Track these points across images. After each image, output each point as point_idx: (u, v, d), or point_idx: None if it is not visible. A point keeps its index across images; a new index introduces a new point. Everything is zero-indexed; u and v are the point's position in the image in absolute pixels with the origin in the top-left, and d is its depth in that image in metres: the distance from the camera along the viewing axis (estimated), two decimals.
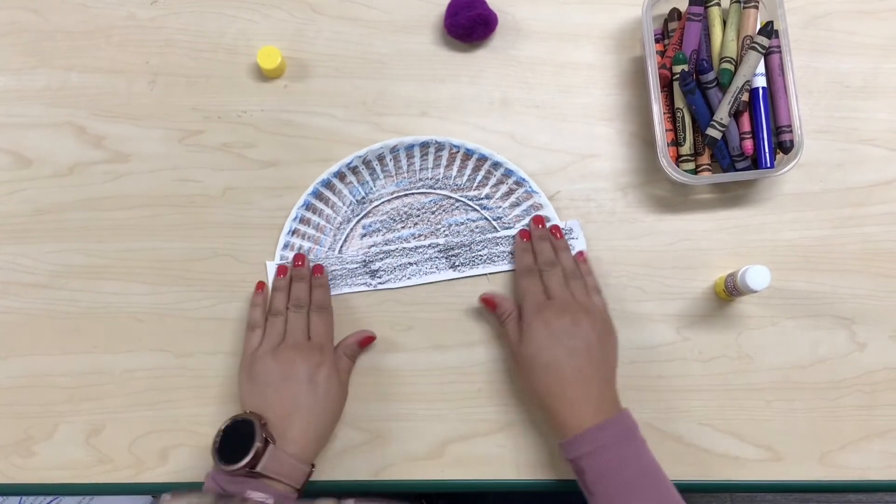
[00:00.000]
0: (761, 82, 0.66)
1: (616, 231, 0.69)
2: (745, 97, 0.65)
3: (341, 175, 0.70)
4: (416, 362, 0.68)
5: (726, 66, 0.65)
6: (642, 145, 0.70)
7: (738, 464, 0.66)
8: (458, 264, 0.69)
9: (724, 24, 0.67)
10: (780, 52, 0.66)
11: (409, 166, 0.70)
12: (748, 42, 0.65)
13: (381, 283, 0.69)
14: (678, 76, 0.65)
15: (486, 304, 0.67)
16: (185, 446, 0.67)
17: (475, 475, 0.66)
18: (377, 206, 0.70)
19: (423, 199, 0.70)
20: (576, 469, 0.59)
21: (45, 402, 0.68)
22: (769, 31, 0.65)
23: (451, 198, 0.70)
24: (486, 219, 0.69)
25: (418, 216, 0.70)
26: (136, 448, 0.68)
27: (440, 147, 0.70)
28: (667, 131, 0.67)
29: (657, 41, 0.69)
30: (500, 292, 0.68)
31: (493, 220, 0.69)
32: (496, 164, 0.69)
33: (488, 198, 0.70)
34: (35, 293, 0.70)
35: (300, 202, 0.70)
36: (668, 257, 0.69)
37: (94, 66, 0.73)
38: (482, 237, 0.69)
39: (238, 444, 0.58)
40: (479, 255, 0.69)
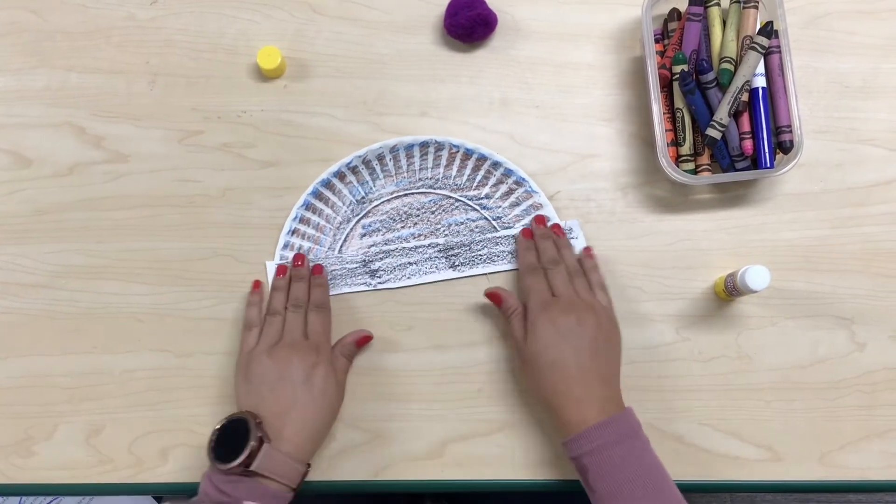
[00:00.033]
0: (761, 82, 0.66)
1: (616, 231, 0.69)
2: (745, 97, 0.65)
3: (341, 175, 0.70)
4: (415, 362, 0.68)
5: (726, 66, 0.65)
6: (642, 145, 0.70)
7: (738, 464, 0.66)
8: (457, 264, 0.69)
9: (724, 24, 0.67)
10: (780, 52, 0.66)
11: (408, 166, 0.70)
12: (748, 42, 0.65)
13: (380, 283, 0.69)
14: (678, 76, 0.65)
15: (492, 300, 0.66)
16: (184, 446, 0.67)
17: (475, 475, 0.66)
18: (377, 205, 0.70)
19: (422, 198, 0.70)
20: (578, 467, 0.59)
21: (45, 402, 0.68)
22: (769, 31, 0.65)
23: (450, 197, 0.70)
24: (485, 218, 0.69)
25: (418, 216, 0.70)
26: (136, 448, 0.68)
27: (440, 147, 0.70)
28: (666, 131, 0.67)
29: (657, 41, 0.69)
30: (505, 288, 0.68)
31: (493, 219, 0.69)
32: (496, 164, 0.69)
33: (488, 197, 0.70)
34: (35, 293, 0.70)
35: (300, 202, 0.70)
36: (668, 257, 0.69)
37: (94, 67, 0.73)
38: (482, 237, 0.69)
39: (233, 443, 0.58)
40: (479, 255, 0.69)
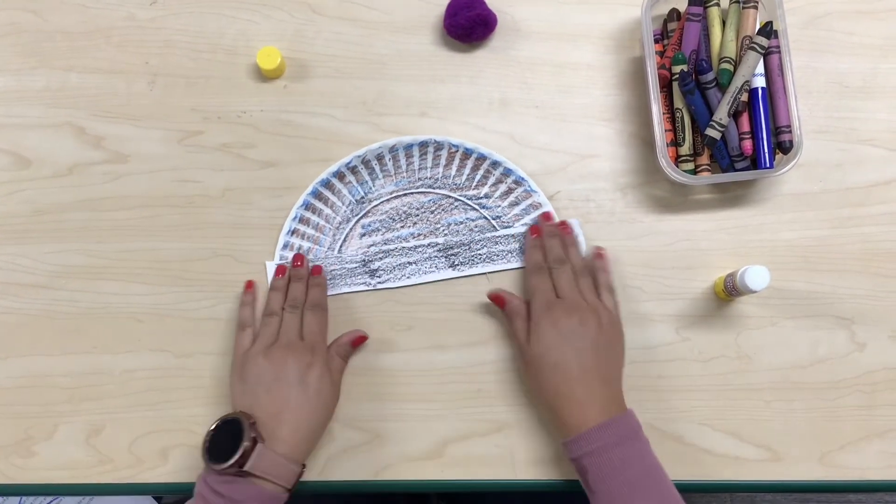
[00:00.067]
0: (760, 82, 0.66)
1: (615, 231, 0.69)
2: (745, 97, 0.65)
3: (340, 175, 0.70)
4: (415, 362, 0.68)
5: (725, 66, 0.65)
6: (642, 145, 0.70)
7: (738, 464, 0.66)
8: (457, 263, 0.69)
9: (724, 24, 0.67)
10: (780, 52, 0.66)
11: (408, 166, 0.70)
12: (747, 42, 0.65)
13: (380, 283, 0.69)
14: (677, 76, 0.65)
15: (495, 301, 0.66)
16: (184, 446, 0.67)
17: (474, 475, 0.66)
18: (376, 205, 0.70)
19: (422, 198, 0.70)
20: (578, 468, 0.59)
21: (45, 402, 0.68)
22: (768, 31, 0.65)
23: (450, 197, 0.70)
24: (485, 218, 0.69)
25: (417, 215, 0.70)
26: (136, 448, 0.68)
27: (439, 146, 0.70)
28: (666, 131, 0.67)
29: (656, 41, 0.69)
30: (507, 290, 0.68)
31: (493, 219, 0.69)
32: (495, 164, 0.69)
33: (487, 197, 0.70)
34: (35, 293, 0.70)
35: (299, 202, 0.70)
36: (668, 257, 0.69)
37: (94, 67, 0.73)
38: (481, 236, 0.69)
39: (227, 443, 0.58)
40: (479, 254, 0.69)
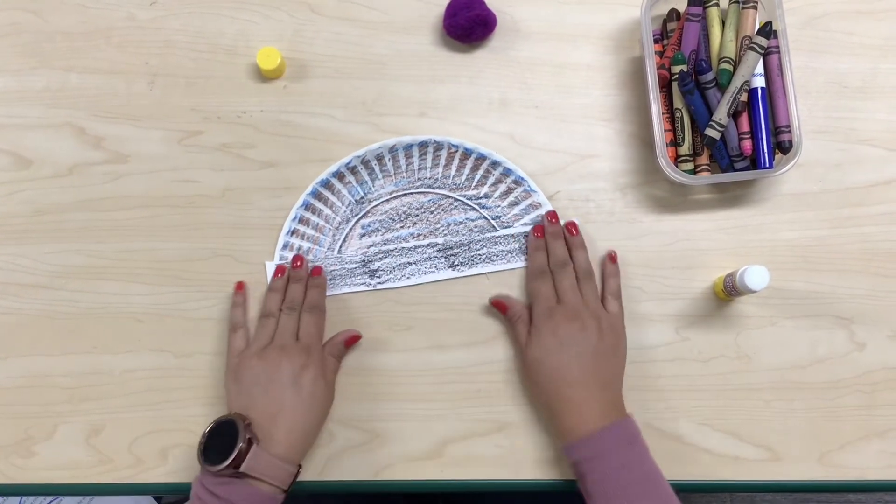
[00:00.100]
0: (760, 82, 0.66)
1: (615, 231, 0.69)
2: (744, 97, 0.65)
3: (340, 175, 0.70)
4: (414, 362, 0.68)
5: (725, 66, 0.65)
6: (641, 146, 0.70)
7: (738, 464, 0.66)
8: (457, 264, 0.69)
9: (723, 24, 0.67)
10: (779, 52, 0.66)
11: (407, 166, 0.70)
12: (747, 42, 0.65)
13: (380, 283, 0.69)
14: (677, 76, 0.65)
15: (497, 307, 0.67)
16: (184, 446, 0.67)
17: (474, 475, 0.66)
18: (376, 205, 0.70)
19: (421, 198, 0.70)
20: (577, 472, 0.59)
21: (44, 402, 0.68)
22: (768, 31, 0.65)
23: (449, 197, 0.70)
24: (484, 218, 0.70)
25: (417, 216, 0.70)
26: (136, 448, 0.68)
27: (438, 146, 0.70)
28: (666, 132, 0.67)
29: (656, 42, 0.69)
30: (510, 294, 0.67)
31: (492, 219, 0.69)
32: (495, 163, 0.69)
33: (487, 197, 0.70)
34: (35, 294, 0.70)
35: (299, 202, 0.70)
36: (668, 257, 0.69)
37: (94, 67, 0.73)
38: (481, 236, 0.69)
39: (223, 445, 0.58)
40: (479, 255, 0.69)
